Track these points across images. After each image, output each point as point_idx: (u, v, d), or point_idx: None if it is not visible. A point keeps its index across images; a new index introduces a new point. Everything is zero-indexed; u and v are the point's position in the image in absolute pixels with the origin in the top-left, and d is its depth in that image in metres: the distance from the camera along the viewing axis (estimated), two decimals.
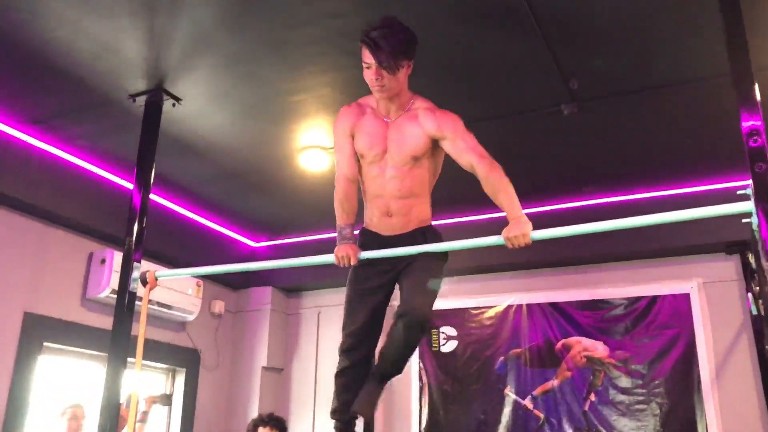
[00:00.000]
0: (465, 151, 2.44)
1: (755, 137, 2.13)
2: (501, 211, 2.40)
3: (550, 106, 3.45)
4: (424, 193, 2.59)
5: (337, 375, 2.75)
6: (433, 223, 2.67)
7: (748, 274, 4.33)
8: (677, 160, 4.13)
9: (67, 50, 3.06)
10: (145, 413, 3.99)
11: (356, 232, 2.65)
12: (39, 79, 3.33)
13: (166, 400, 4.14)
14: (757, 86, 2.20)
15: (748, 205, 2.06)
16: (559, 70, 3.14)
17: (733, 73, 2.27)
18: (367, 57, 2.37)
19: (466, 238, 2.52)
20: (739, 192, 2.08)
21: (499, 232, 2.37)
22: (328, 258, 2.61)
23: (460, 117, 2.52)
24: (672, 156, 4.08)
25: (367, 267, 2.58)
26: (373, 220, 2.60)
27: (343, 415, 2.69)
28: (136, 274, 3.05)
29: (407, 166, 2.49)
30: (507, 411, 4.88)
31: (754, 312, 4.21)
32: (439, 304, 4.97)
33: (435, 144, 2.51)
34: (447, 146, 2.49)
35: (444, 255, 2.58)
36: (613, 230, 2.34)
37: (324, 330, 5.68)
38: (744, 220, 2.09)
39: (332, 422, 2.79)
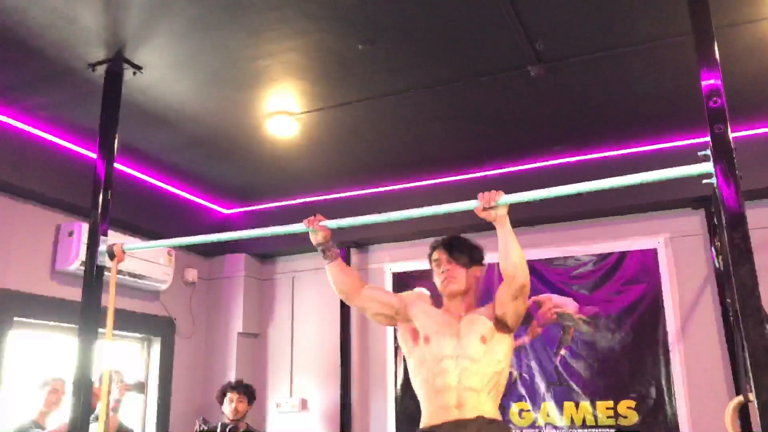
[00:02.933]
0: (500, 288, 2.60)
1: (715, 98, 2.15)
2: (470, 172, 2.44)
3: (517, 68, 3.44)
4: (495, 387, 2.58)
5: None
6: (401, 186, 2.68)
7: (712, 228, 4.42)
8: (642, 119, 4.17)
9: (22, 19, 2.96)
10: (118, 401, 3.97)
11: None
12: None
13: (141, 388, 4.14)
14: (716, 46, 2.22)
15: (708, 166, 2.09)
16: (525, 31, 3.12)
17: (694, 32, 2.28)
18: (441, 254, 2.66)
19: (438, 201, 2.56)
20: (699, 153, 2.11)
21: (467, 195, 2.46)
22: (296, 227, 2.65)
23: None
24: (637, 115, 4.11)
25: None
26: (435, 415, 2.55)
27: None
28: (103, 247, 3.02)
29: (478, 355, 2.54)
30: None
31: (717, 265, 4.32)
32: (413, 265, 5.05)
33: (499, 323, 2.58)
34: (498, 310, 2.57)
35: None
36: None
37: (299, 295, 5.71)
38: (704, 181, 2.12)
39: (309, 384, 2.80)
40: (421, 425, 2.51)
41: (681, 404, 4.38)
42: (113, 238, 3.14)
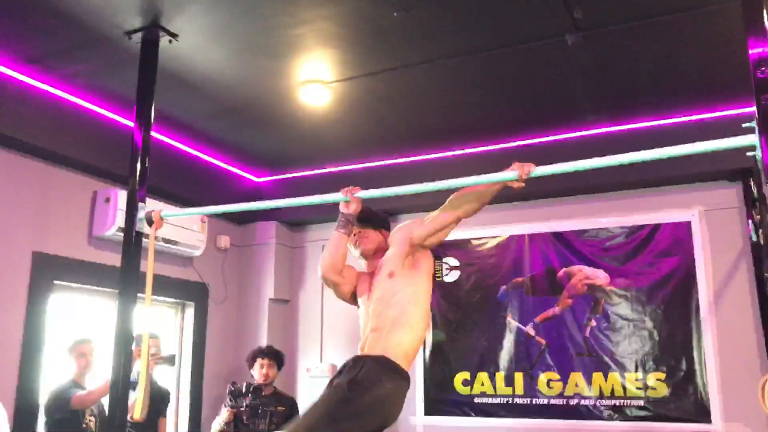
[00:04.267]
0: (440, 215, 2.65)
1: (763, 68, 2.09)
2: (504, 141, 2.43)
3: (554, 36, 3.38)
4: (408, 312, 2.72)
5: None
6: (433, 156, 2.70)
7: (750, 201, 4.34)
8: (682, 89, 4.08)
9: None
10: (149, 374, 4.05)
11: None
12: (33, 18, 3.26)
13: (171, 360, 4.22)
14: (766, 13, 2.15)
15: (752, 139, 2.05)
16: None
17: None
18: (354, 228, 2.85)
19: (471, 171, 2.56)
20: (744, 125, 2.06)
21: (500, 166, 2.44)
22: (329, 197, 2.76)
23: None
24: (677, 85, 4.03)
25: None
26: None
27: None
28: (141, 214, 3.08)
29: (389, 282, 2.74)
30: (510, 338, 5.00)
31: (755, 239, 4.25)
32: None
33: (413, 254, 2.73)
34: (422, 230, 2.68)
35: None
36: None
37: None
38: (748, 153, 2.08)
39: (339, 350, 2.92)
40: None
41: (712, 378, 4.37)
42: (148, 204, 3.19)
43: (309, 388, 5.58)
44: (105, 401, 3.65)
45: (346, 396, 2.46)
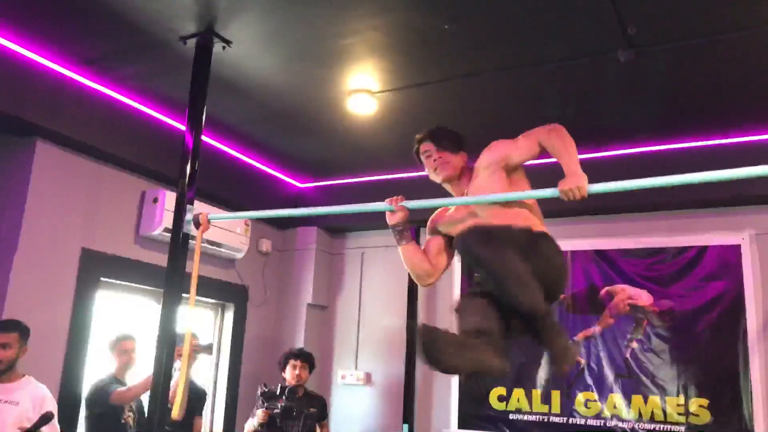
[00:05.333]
0: (530, 140, 2.46)
1: None
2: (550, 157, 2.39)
3: (607, 52, 3.34)
4: (528, 214, 2.53)
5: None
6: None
7: None
8: (732, 110, 3.99)
9: None
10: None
11: None
12: (92, 21, 3.36)
13: (209, 349, 4.27)
14: None
15: None
16: (617, 15, 3.02)
17: None
18: (425, 146, 2.64)
19: None
20: None
21: (549, 180, 2.36)
22: (371, 206, 2.71)
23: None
24: (727, 105, 3.94)
25: None
26: None
27: None
28: (189, 216, 3.13)
29: (496, 206, 2.50)
30: (548, 355, 4.93)
31: None
32: None
33: (509, 174, 2.53)
34: (516, 157, 2.50)
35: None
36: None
37: (367, 270, 5.77)
38: None
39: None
40: None
41: (758, 408, 4.23)
42: (194, 206, 3.24)
43: (343, 395, 5.59)
44: (144, 398, 3.72)
45: None
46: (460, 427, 5.12)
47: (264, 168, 5.45)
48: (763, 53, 3.32)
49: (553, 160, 2.39)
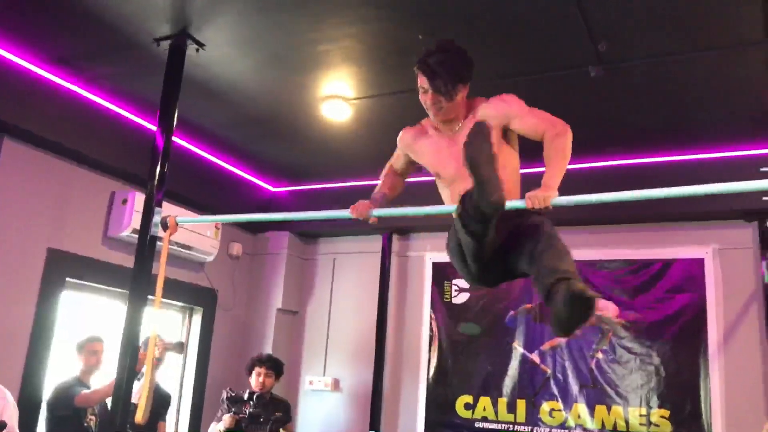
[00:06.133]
0: (536, 124, 2.36)
1: None
2: (523, 167, 2.40)
3: (578, 67, 3.40)
4: (514, 177, 2.46)
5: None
6: None
7: (765, 242, 4.32)
8: (700, 127, 4.08)
9: None
10: (158, 360, 4.09)
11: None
12: (65, 20, 3.33)
13: (180, 348, 4.24)
14: None
15: None
16: (589, 31, 3.08)
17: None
18: (423, 82, 2.32)
19: None
20: (762, 169, 2.07)
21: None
22: (341, 213, 2.61)
23: (514, 94, 2.42)
24: (696, 121, 4.03)
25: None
26: None
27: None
28: (157, 218, 3.11)
29: None
30: (514, 364, 4.98)
31: (767, 281, 4.22)
32: None
33: (504, 133, 2.41)
34: (516, 125, 2.38)
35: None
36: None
37: (339, 276, 5.77)
38: (765, 198, 2.08)
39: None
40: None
41: (717, 418, 4.32)
42: (164, 208, 3.22)
43: (310, 401, 5.58)
44: (109, 401, 3.67)
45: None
46: None
47: (237, 171, 5.43)
48: (733, 71, 3.41)
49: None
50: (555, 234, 2.30)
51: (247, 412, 4.54)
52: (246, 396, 4.63)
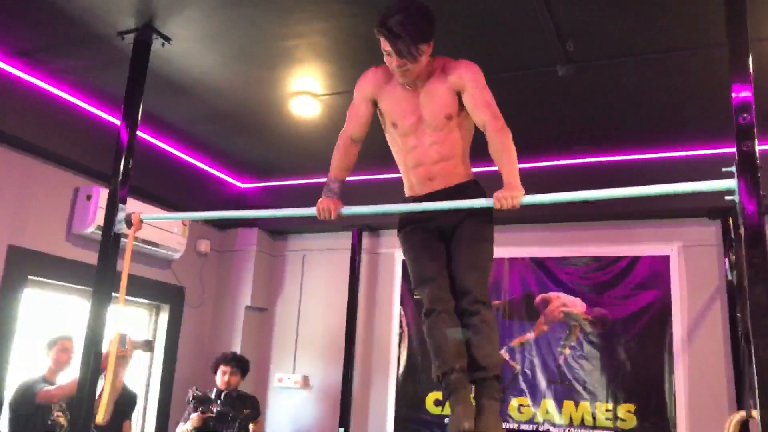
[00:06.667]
0: (483, 106, 2.37)
1: (745, 114, 2.13)
2: (489, 165, 2.42)
3: (545, 66, 3.42)
4: (465, 152, 2.55)
5: (430, 329, 2.57)
6: None
7: (728, 240, 4.40)
8: (667, 125, 4.14)
9: None
10: (126, 358, 4.01)
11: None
12: (26, 11, 3.24)
13: (148, 346, 4.18)
14: (751, 58, 2.19)
15: (731, 183, 2.08)
16: (557, 30, 3.10)
17: (730, 44, 2.25)
18: (386, 45, 2.27)
19: None
20: (724, 169, 2.10)
21: (490, 188, 2.41)
22: (309, 211, 2.61)
23: (481, 70, 2.43)
24: (662, 120, 4.09)
25: (412, 229, 2.57)
26: (415, 188, 2.57)
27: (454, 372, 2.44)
28: (121, 215, 3.05)
29: (445, 130, 2.43)
30: None
31: (730, 278, 4.30)
32: None
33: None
34: (466, 98, 2.40)
35: (490, 215, 2.49)
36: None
37: (308, 273, 5.74)
38: (727, 198, 2.11)
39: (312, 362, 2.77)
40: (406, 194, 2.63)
41: (681, 413, 4.40)
42: (130, 205, 3.17)
43: (280, 398, 5.55)
44: None
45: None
46: (396, 431, 5.14)
47: (205, 167, 5.36)
48: (699, 71, 3.46)
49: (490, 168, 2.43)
50: (491, 318, 2.50)
51: (215, 410, 4.50)
52: (213, 395, 4.59)
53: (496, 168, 2.40)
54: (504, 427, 4.79)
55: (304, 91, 3.94)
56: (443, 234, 2.53)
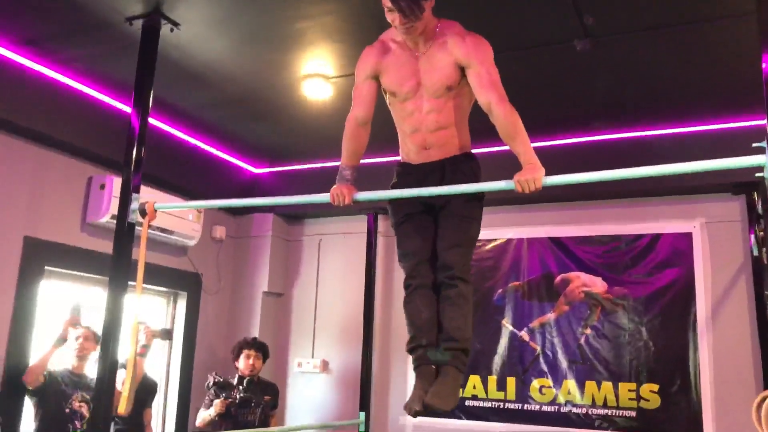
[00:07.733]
0: (489, 86, 2.32)
1: None
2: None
3: (564, 42, 3.32)
4: (463, 122, 2.52)
5: (406, 303, 2.63)
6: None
7: (753, 216, 4.30)
8: (689, 99, 4.03)
9: None
10: (145, 347, 4.04)
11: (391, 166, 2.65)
12: (33, 0, 3.19)
13: (166, 335, 4.19)
14: None
15: (761, 159, 2.00)
16: (574, 4, 3.00)
17: (759, 11, 2.16)
18: (387, 1, 2.27)
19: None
20: (754, 145, 2.01)
21: (506, 168, 2.37)
22: (323, 197, 2.59)
23: (490, 45, 2.40)
24: (684, 95, 3.97)
25: (401, 201, 2.57)
26: (410, 155, 2.57)
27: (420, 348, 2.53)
28: (135, 205, 3.02)
29: (443, 98, 2.41)
30: (503, 342, 4.96)
31: (755, 254, 4.21)
32: None
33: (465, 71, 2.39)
34: (470, 75, 2.37)
35: (480, 194, 2.50)
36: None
37: (325, 257, 5.71)
38: (756, 174, 2.03)
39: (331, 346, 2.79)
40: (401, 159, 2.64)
41: (706, 392, 4.33)
42: (143, 193, 3.14)
43: (299, 383, 5.55)
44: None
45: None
46: None
47: (218, 153, 5.32)
48: (719, 43, 3.35)
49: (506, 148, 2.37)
50: (468, 293, 2.49)
51: (237, 396, 4.50)
52: (235, 381, 4.59)
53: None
54: (526, 408, 4.79)
55: (316, 74, 3.87)
56: (432, 208, 2.53)
